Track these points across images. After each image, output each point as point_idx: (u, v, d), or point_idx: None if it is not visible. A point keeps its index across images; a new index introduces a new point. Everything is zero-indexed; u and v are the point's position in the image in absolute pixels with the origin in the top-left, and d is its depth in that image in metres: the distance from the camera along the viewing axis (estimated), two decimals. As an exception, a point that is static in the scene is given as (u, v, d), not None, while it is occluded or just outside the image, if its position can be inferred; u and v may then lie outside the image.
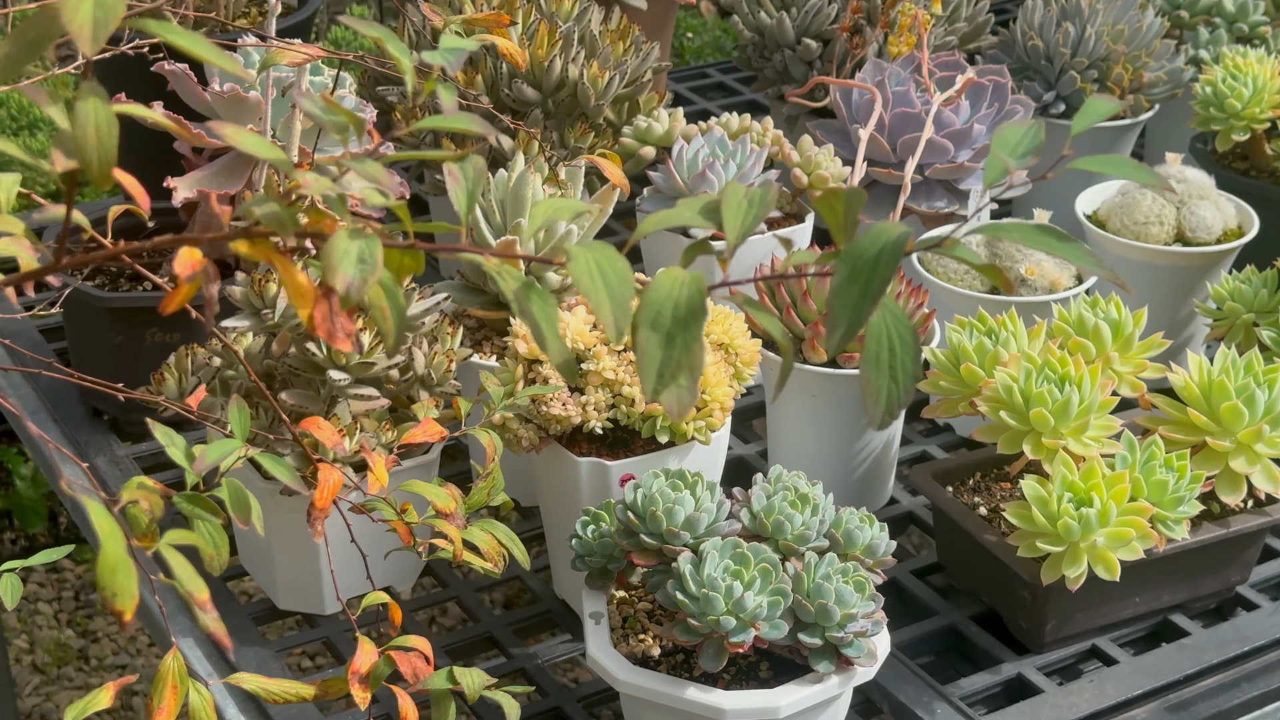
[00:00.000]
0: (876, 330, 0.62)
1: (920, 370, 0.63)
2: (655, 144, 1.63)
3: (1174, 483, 1.21)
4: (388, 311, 0.65)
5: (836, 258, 0.62)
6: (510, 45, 1.15)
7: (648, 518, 1.12)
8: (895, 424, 1.42)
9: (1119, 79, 1.81)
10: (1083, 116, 0.68)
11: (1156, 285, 1.58)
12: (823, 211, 0.65)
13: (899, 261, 0.61)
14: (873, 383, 0.62)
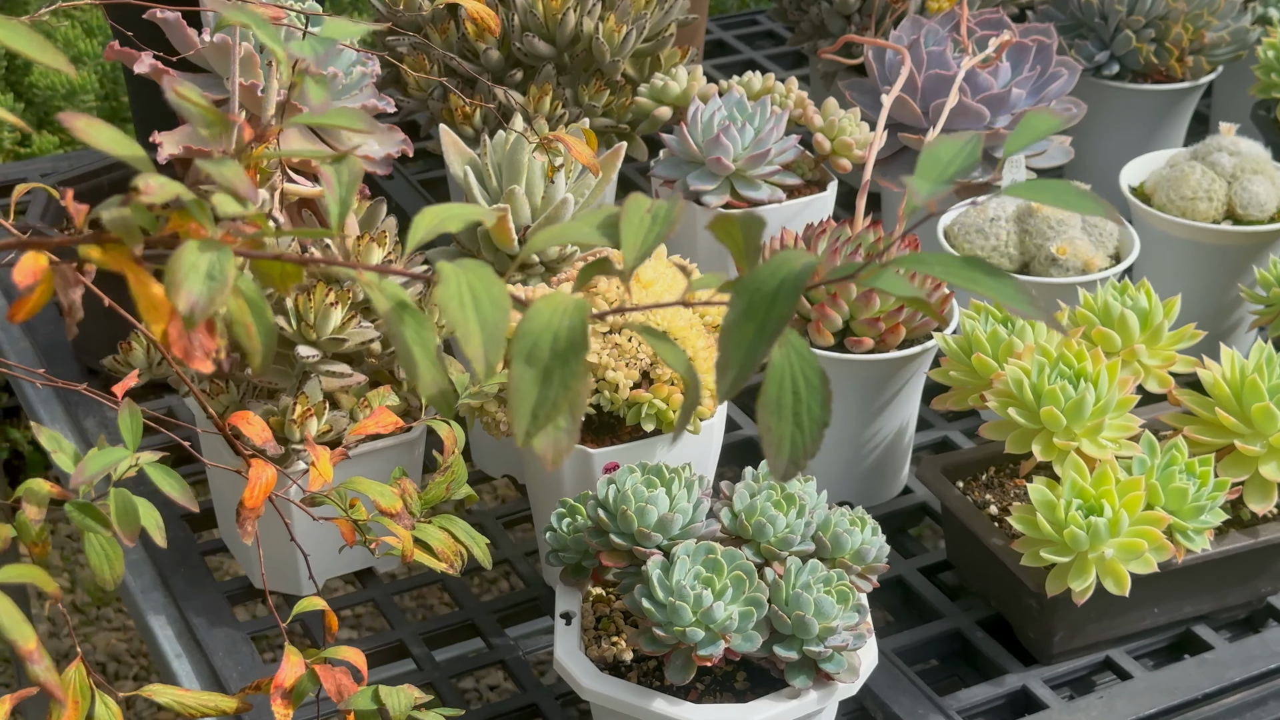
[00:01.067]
0: (779, 371, 0.54)
1: (829, 415, 0.56)
2: (672, 104, 1.55)
3: (1195, 490, 1.12)
4: (253, 329, 0.58)
5: (733, 289, 0.54)
6: (480, 8, 1.08)
7: (619, 516, 1.05)
8: (911, 409, 1.34)
9: (1178, 39, 1.70)
10: (1018, 136, 0.59)
11: (1202, 266, 1.48)
12: (720, 238, 0.57)
13: (799, 296, 0.54)
14: (773, 430, 0.54)
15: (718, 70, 2.20)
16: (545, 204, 1.32)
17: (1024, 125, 0.59)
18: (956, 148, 0.58)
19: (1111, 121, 1.75)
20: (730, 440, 1.47)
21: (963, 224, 1.44)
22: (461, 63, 1.57)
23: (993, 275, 0.54)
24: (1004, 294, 0.54)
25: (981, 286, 0.54)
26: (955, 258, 0.56)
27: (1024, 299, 0.54)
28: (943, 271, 0.55)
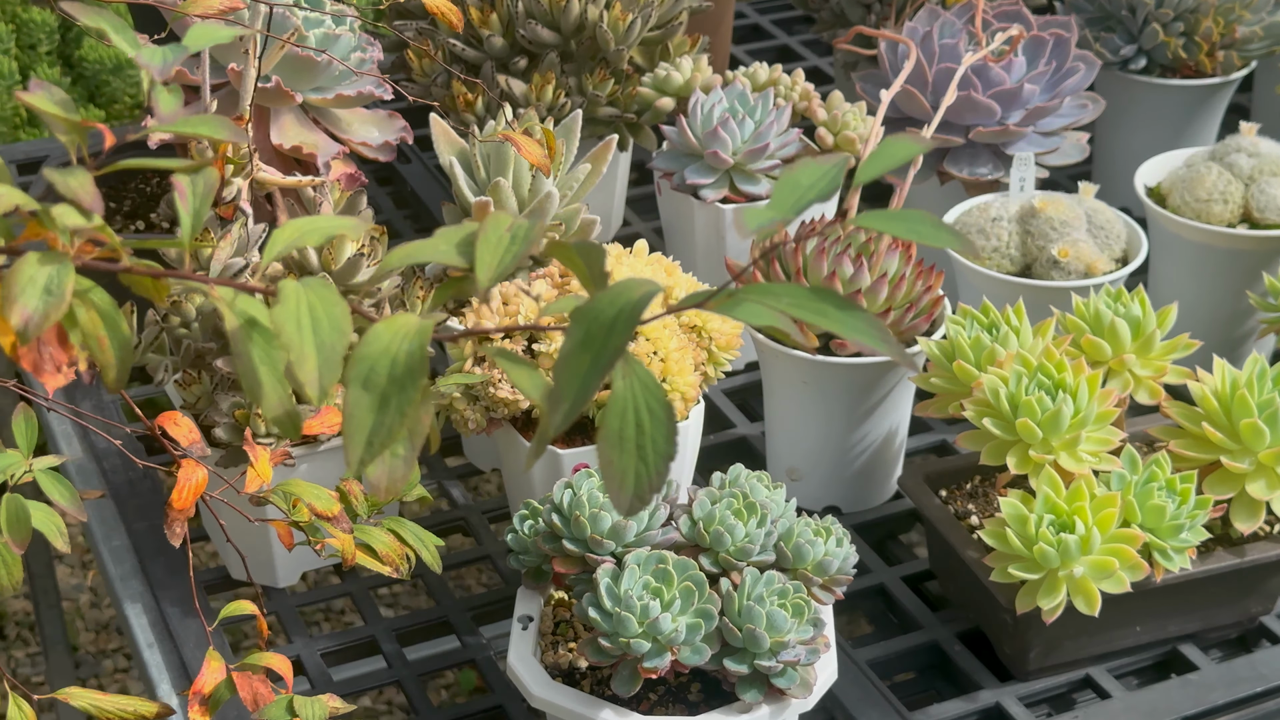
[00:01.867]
0: (621, 402, 0.52)
1: (674, 448, 0.53)
2: (675, 94, 1.52)
3: (1174, 508, 1.08)
4: (106, 342, 0.57)
5: (572, 318, 0.52)
6: (441, 4, 1.05)
7: (572, 522, 1.04)
8: (901, 413, 1.31)
9: (1207, 33, 1.65)
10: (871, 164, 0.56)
11: (1216, 271, 1.43)
12: (560, 262, 0.55)
13: (636, 326, 0.51)
14: (615, 464, 0.52)
15: (750, 56, 2.17)
16: (532, 197, 1.30)
17: (879, 152, 0.56)
18: (819, 172, 0.56)
19: (1139, 117, 1.70)
20: (727, 438, 1.44)
21: (964, 224, 1.40)
22: (465, 48, 1.56)
23: (843, 308, 0.51)
24: (853, 328, 0.51)
25: (830, 320, 0.51)
26: (805, 289, 0.53)
27: (875, 333, 0.51)
28: (790, 303, 0.52)
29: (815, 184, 0.55)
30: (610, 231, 1.73)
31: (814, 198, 0.55)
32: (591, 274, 0.53)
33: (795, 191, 0.54)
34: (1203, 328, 1.46)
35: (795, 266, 1.27)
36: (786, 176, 0.55)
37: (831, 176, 0.55)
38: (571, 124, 1.37)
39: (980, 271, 1.36)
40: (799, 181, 0.55)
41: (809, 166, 0.56)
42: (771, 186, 1.44)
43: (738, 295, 0.52)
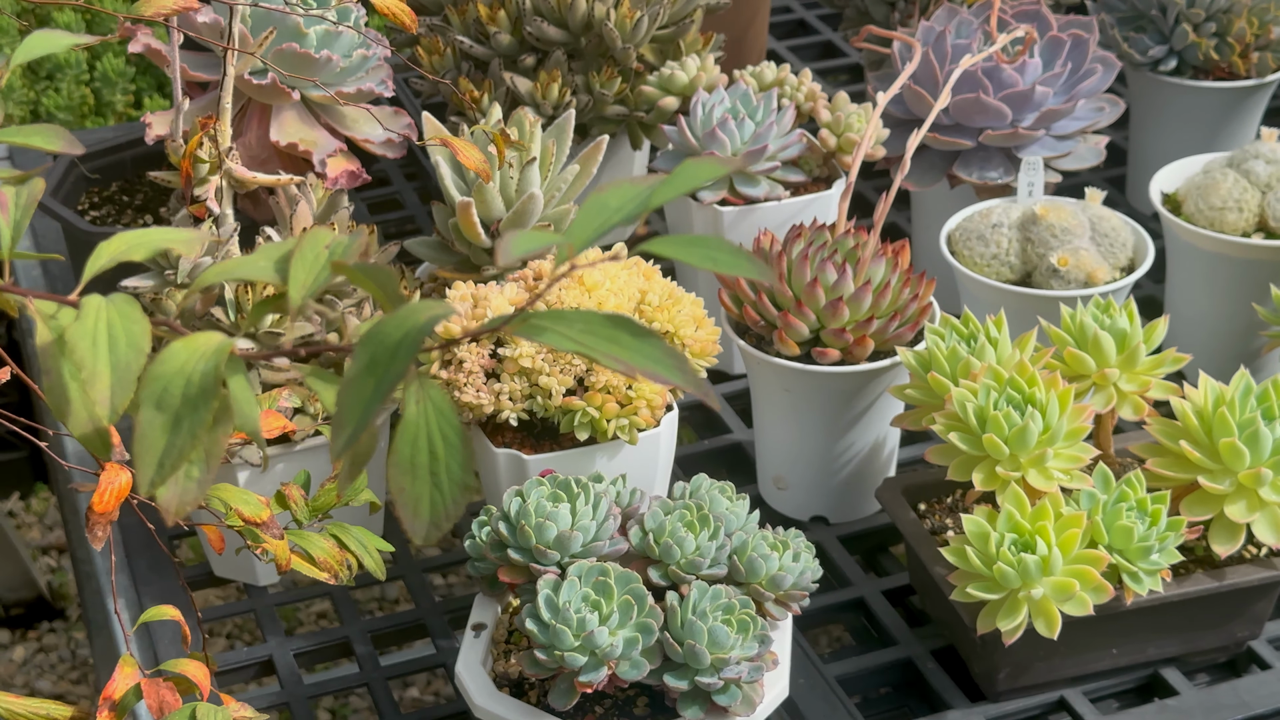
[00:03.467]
0: (412, 428, 0.51)
1: (471, 477, 0.52)
2: (679, 93, 1.50)
3: (1143, 529, 1.04)
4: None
5: (358, 343, 0.50)
6: (392, 3, 1.04)
7: (518, 531, 1.02)
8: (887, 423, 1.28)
9: (1241, 34, 1.60)
10: (669, 185, 0.53)
11: (1229, 281, 1.38)
12: (353, 283, 0.53)
13: (418, 351, 0.50)
14: (408, 491, 0.51)
15: (791, 52, 2.14)
16: (518, 198, 1.29)
17: (678, 174, 0.54)
18: (629, 194, 0.54)
19: (1171, 120, 1.65)
20: (722, 444, 1.42)
21: (965, 229, 1.37)
22: (474, 45, 1.55)
23: (638, 336, 0.50)
24: (647, 357, 0.49)
25: (624, 348, 0.49)
26: (602, 316, 0.51)
27: (671, 363, 0.49)
28: (584, 330, 0.50)
29: (623, 206, 0.53)
30: (626, 231, 1.71)
31: (620, 220, 0.53)
32: (385, 296, 0.52)
33: (601, 214, 0.53)
34: (1218, 340, 1.42)
35: (779, 271, 1.24)
36: (595, 197, 0.53)
37: (642, 199, 0.53)
38: (564, 124, 1.36)
39: (977, 280, 1.33)
40: (607, 204, 0.53)
41: (620, 188, 0.54)
42: (770, 189, 1.41)
43: (532, 321, 0.51)
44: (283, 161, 1.45)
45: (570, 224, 0.53)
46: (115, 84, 2.80)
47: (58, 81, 2.83)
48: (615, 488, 1.10)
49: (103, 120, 2.84)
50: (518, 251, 0.50)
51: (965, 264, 1.35)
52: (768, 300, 1.23)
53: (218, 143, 1.14)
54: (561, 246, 0.51)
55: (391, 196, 1.85)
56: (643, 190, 0.53)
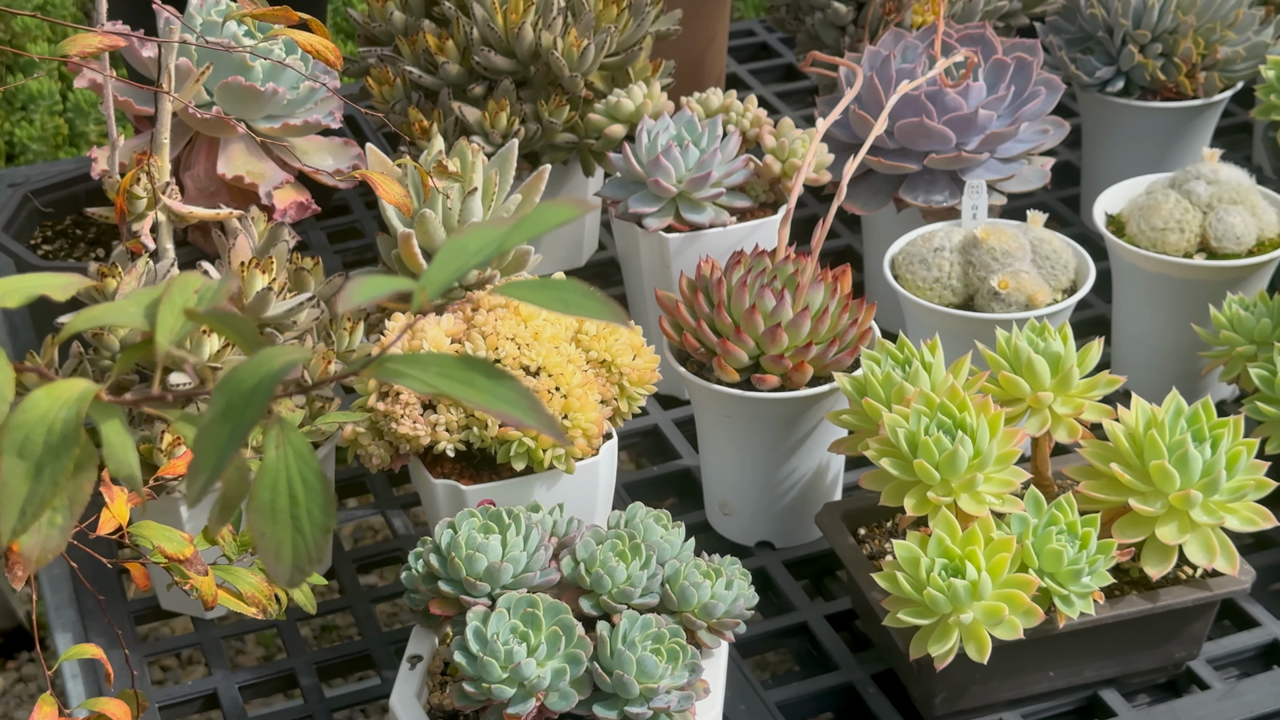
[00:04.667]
0: (271, 472, 0.51)
1: (332, 520, 0.52)
2: (625, 121, 1.51)
3: (1073, 552, 1.05)
4: None
5: (215, 388, 0.51)
6: (315, 40, 1.05)
7: (448, 563, 1.03)
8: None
9: (1187, 54, 1.61)
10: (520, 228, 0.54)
11: (1171, 302, 1.39)
12: (213, 330, 0.54)
13: (272, 395, 0.50)
14: (269, 536, 0.51)
15: (753, 75, 2.15)
16: (460, 228, 1.30)
17: (530, 218, 0.54)
18: (488, 237, 0.54)
19: (1121, 140, 1.66)
20: (671, 470, 1.43)
21: (908, 253, 1.37)
22: (422, 75, 1.56)
23: (491, 378, 0.50)
24: (501, 399, 0.50)
25: (478, 391, 0.50)
26: (455, 359, 0.52)
27: (525, 405, 0.50)
28: (439, 374, 0.51)
29: (482, 249, 0.53)
30: (583, 257, 1.72)
31: (478, 262, 0.53)
32: (244, 341, 0.52)
33: (460, 257, 0.53)
34: (1163, 359, 1.43)
35: (719, 298, 1.25)
36: (454, 241, 0.54)
37: (498, 242, 0.54)
38: (507, 154, 1.37)
39: (919, 303, 1.34)
40: (466, 247, 0.53)
41: (479, 232, 0.54)
42: (715, 215, 1.42)
43: (388, 365, 0.51)
44: (231, 194, 1.46)
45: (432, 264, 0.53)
46: (88, 114, 2.81)
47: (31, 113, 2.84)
48: (552, 517, 1.10)
49: (76, 150, 2.85)
50: (358, 299, 0.50)
51: (908, 288, 1.36)
52: (707, 327, 1.24)
53: (154, 178, 1.14)
54: (417, 292, 0.51)
55: (352, 225, 1.85)
56: (499, 234, 0.54)
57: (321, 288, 1.29)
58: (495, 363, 1.15)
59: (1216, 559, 1.09)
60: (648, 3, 1.58)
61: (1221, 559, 1.09)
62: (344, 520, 1.40)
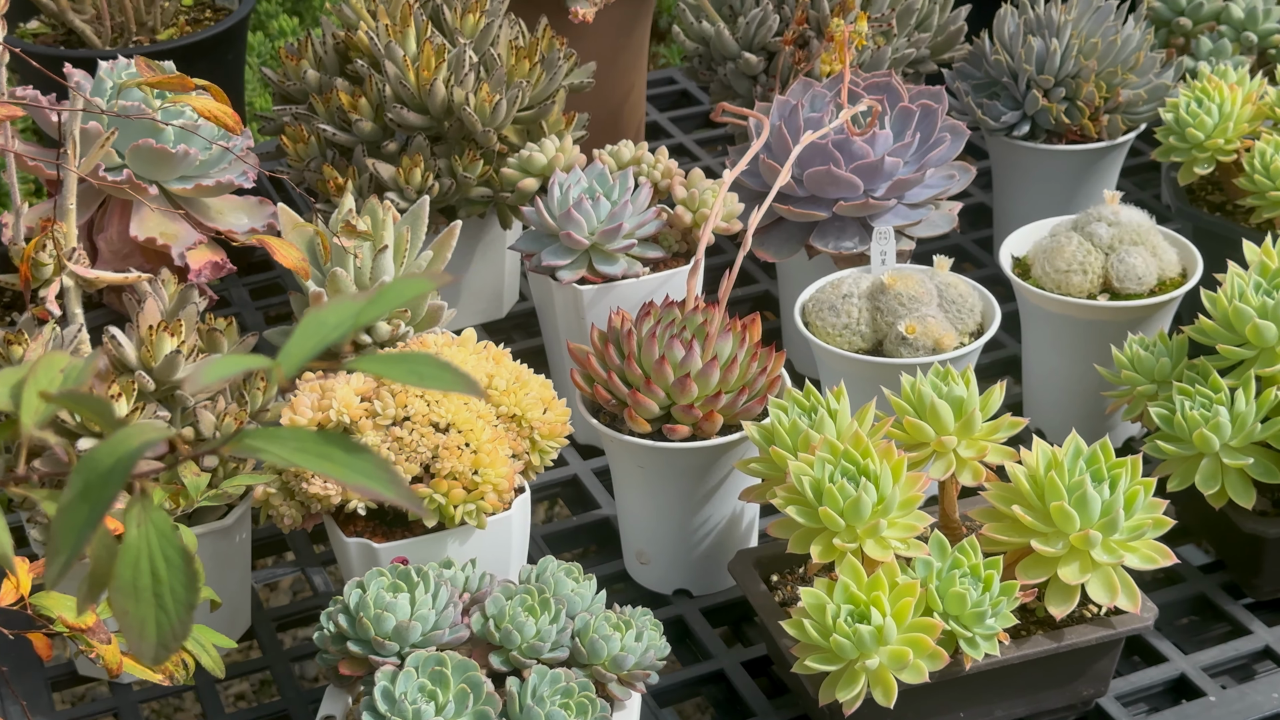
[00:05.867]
0: (134, 551, 0.52)
1: (196, 595, 0.53)
2: (539, 174, 1.52)
3: (976, 595, 1.06)
4: None
5: (74, 469, 0.52)
6: (213, 106, 1.06)
7: (357, 623, 1.03)
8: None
9: (1090, 97, 1.64)
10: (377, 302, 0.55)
11: (1076, 343, 1.42)
12: (70, 410, 0.55)
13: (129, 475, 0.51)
14: (132, 614, 0.52)
15: (674, 123, 2.17)
16: (375, 279, 1.31)
17: (385, 292, 0.56)
18: (347, 311, 0.55)
19: (1029, 182, 1.69)
20: (588, 521, 1.44)
21: (818, 300, 1.39)
22: (336, 133, 1.57)
23: (349, 452, 0.51)
24: (359, 472, 0.51)
25: (335, 464, 0.51)
26: (314, 434, 0.53)
27: (383, 477, 0.51)
28: (296, 448, 0.52)
29: (341, 323, 0.54)
30: (503, 309, 1.73)
31: (338, 337, 0.54)
32: (102, 421, 0.53)
33: (320, 332, 0.54)
34: (1071, 399, 1.45)
35: (629, 350, 1.26)
36: (314, 315, 0.55)
37: (355, 315, 0.55)
38: (419, 211, 1.38)
39: (829, 350, 1.35)
40: (326, 321, 0.54)
41: (338, 306, 0.55)
42: (628, 266, 1.44)
43: (246, 440, 0.52)
44: (145, 255, 1.46)
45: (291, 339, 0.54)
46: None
47: (-45, 171, 2.82)
48: (464, 573, 1.11)
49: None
50: (207, 379, 0.51)
51: (818, 334, 1.37)
52: (618, 379, 1.25)
53: (59, 244, 1.15)
54: (273, 370, 0.52)
55: (274, 281, 1.86)
56: (356, 308, 0.55)
57: (234, 348, 1.29)
58: (405, 420, 1.15)
59: (1118, 597, 1.11)
60: (560, 57, 1.60)
61: (1123, 597, 1.11)
62: (264, 579, 1.40)
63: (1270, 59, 1.77)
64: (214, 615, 1.24)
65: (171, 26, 1.82)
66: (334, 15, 1.61)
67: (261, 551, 1.46)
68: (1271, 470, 1.21)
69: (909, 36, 1.72)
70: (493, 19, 1.58)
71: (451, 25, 1.59)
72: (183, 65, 1.64)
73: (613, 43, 1.85)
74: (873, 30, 1.68)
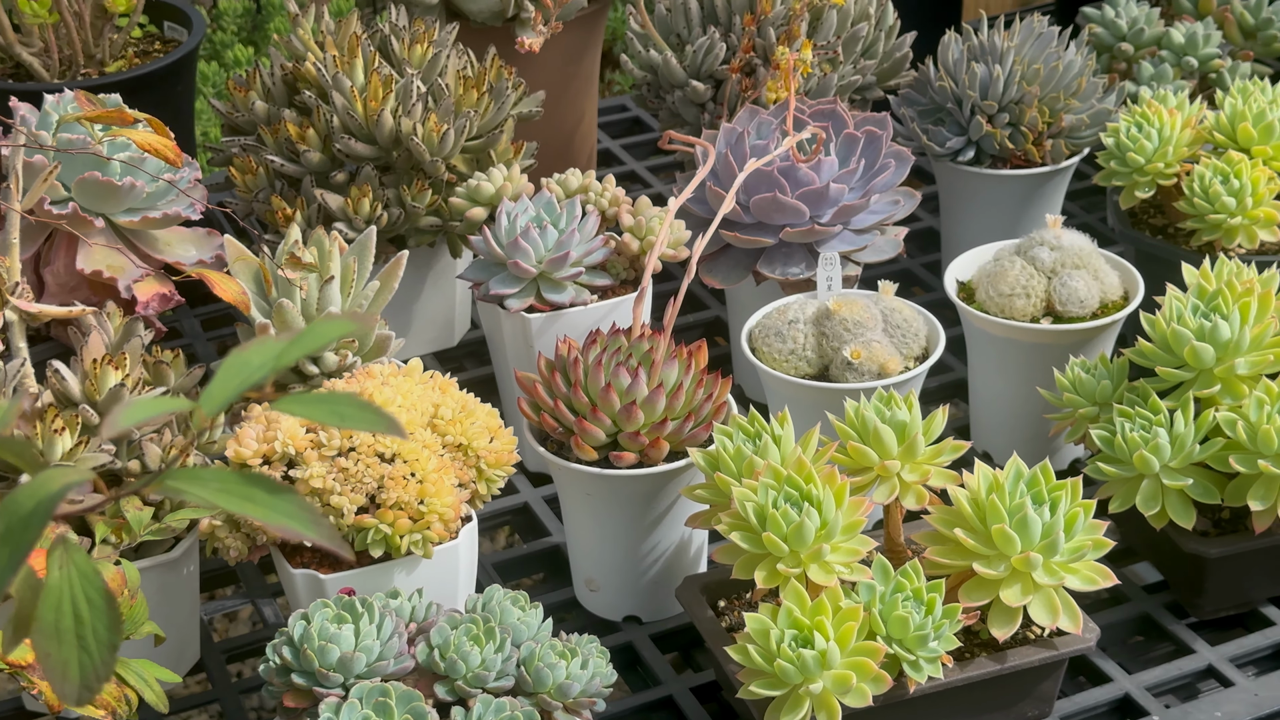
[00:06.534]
0: (55, 594, 0.52)
1: (118, 636, 0.53)
2: (486, 203, 1.53)
3: (919, 618, 1.07)
4: None
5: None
6: (154, 139, 1.06)
7: (301, 655, 1.03)
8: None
9: (1033, 123, 1.66)
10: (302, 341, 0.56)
11: (1021, 366, 1.43)
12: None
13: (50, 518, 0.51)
14: (54, 656, 0.52)
15: (626, 150, 2.18)
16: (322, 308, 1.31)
17: (306, 334, 0.56)
18: (270, 351, 0.56)
19: (975, 207, 1.71)
20: (538, 549, 1.44)
21: (764, 326, 1.40)
22: (285, 164, 1.57)
23: (272, 493, 0.52)
24: (282, 512, 0.51)
25: (258, 505, 0.51)
26: (237, 476, 0.53)
27: (307, 518, 0.51)
28: (218, 490, 0.52)
29: (264, 364, 0.55)
30: (455, 338, 1.73)
31: (261, 377, 0.55)
32: (24, 464, 0.53)
33: (243, 372, 0.55)
34: (1016, 421, 1.46)
35: (576, 378, 1.27)
36: (238, 356, 0.55)
37: (278, 355, 0.55)
38: (365, 242, 1.38)
39: (775, 375, 1.36)
40: (249, 361, 0.55)
41: (262, 346, 0.56)
42: (576, 294, 1.44)
43: (168, 482, 0.52)
44: (92, 288, 1.46)
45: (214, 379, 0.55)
46: None
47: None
48: (410, 603, 1.11)
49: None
50: (125, 423, 0.52)
51: (765, 360, 1.38)
52: (564, 407, 1.26)
53: (2, 279, 1.15)
54: (196, 412, 0.53)
55: (225, 312, 1.85)
56: (280, 348, 0.55)
57: (181, 380, 1.29)
58: (350, 450, 1.16)
59: (1060, 618, 1.12)
60: (509, 86, 1.61)
61: (1065, 618, 1.12)
62: (213, 611, 1.40)
63: (1211, 83, 1.79)
64: (162, 648, 1.24)
65: (120, 59, 1.82)
66: (282, 47, 1.61)
67: (217, 582, 1.46)
68: (1210, 491, 1.22)
69: (855, 63, 1.73)
70: (440, 49, 1.59)
71: (399, 56, 1.59)
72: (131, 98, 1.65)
73: (562, 71, 1.86)
74: (819, 57, 1.70)
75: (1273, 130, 1.50)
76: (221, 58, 2.85)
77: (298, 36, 1.58)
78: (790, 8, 1.66)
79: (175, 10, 1.92)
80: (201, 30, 1.86)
